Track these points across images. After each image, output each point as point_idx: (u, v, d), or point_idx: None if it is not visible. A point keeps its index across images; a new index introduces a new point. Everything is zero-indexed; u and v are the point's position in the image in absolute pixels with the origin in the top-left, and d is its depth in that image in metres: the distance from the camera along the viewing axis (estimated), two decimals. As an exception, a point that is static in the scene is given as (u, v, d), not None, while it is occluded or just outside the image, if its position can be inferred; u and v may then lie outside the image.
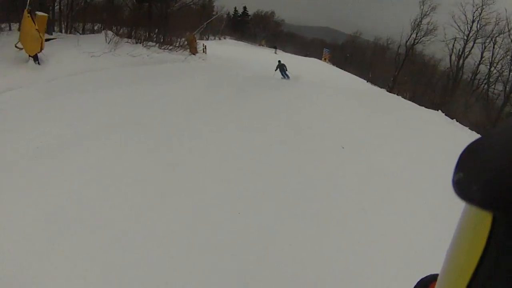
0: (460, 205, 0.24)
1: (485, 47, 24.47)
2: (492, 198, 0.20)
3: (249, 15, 45.62)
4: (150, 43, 15.64)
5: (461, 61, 25.60)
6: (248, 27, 46.06)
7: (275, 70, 15.52)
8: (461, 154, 0.24)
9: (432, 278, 0.45)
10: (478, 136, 0.26)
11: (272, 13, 44.16)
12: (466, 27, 25.32)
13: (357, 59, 40.45)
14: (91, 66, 9.61)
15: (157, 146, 4.98)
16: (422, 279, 0.46)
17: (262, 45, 44.18)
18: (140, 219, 3.23)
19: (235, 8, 46.69)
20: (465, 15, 25.19)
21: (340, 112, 9.54)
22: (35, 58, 8.07)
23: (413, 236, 3.66)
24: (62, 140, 4.66)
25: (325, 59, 37.13)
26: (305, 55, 40.05)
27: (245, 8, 45.53)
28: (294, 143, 6.07)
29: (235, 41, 41.31)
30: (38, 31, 7.84)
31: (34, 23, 7.82)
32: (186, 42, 18.72)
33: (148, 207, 3.44)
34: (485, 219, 0.22)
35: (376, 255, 3.21)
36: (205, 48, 22.10)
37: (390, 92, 22.43)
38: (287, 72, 15.53)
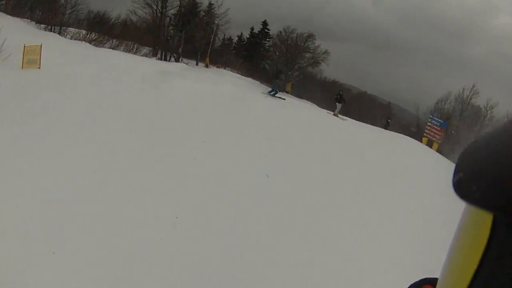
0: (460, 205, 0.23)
1: None
2: (492, 198, 0.19)
3: (271, 36, 25.65)
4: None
5: None
6: (266, 55, 26.03)
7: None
8: (461, 154, 0.24)
9: (424, 282, 0.42)
10: None
11: (311, 36, 24.26)
12: None
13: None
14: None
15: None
16: (413, 283, 0.44)
17: (287, 91, 24.16)
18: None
19: (252, 28, 27.01)
20: None
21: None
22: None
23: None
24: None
25: (433, 140, 15.52)
26: (386, 124, 19.44)
27: (265, 23, 25.81)
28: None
29: (238, 77, 21.57)
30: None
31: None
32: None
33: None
34: (486, 219, 0.21)
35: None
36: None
37: None
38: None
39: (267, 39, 26.16)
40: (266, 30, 26.11)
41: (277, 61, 25.24)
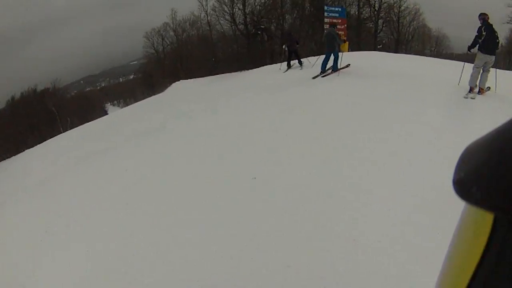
0: (460, 204, 0.23)
1: None
2: (493, 198, 0.20)
3: None
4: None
5: None
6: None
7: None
8: (461, 154, 0.24)
9: None
10: None
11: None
12: None
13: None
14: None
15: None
16: None
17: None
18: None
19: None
20: None
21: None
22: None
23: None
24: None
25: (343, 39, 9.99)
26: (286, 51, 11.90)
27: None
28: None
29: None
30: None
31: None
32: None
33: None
34: (486, 219, 0.21)
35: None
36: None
37: None
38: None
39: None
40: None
41: None
